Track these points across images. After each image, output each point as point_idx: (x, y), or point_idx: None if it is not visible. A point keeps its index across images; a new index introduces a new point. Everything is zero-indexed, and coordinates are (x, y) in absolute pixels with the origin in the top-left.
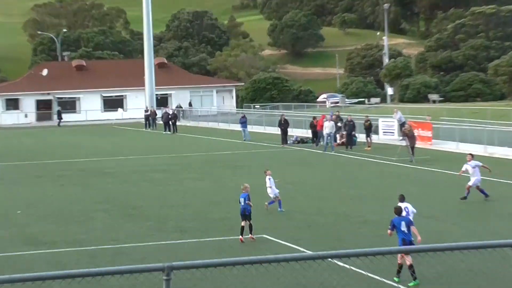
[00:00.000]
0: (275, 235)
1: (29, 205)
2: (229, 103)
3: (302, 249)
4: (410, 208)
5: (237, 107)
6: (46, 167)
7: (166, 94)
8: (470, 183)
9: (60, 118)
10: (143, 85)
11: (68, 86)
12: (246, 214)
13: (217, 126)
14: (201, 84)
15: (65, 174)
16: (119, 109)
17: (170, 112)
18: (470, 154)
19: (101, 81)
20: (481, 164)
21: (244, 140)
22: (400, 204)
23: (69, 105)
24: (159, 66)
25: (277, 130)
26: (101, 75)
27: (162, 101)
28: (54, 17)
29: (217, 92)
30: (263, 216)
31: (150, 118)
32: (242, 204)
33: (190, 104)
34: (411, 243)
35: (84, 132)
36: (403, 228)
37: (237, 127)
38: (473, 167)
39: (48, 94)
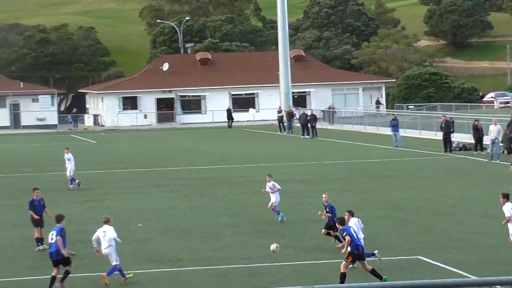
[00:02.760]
0: (431, 257)
1: (150, 218)
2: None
3: (464, 274)
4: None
5: (387, 108)
6: (168, 175)
7: (304, 92)
8: None
9: (231, 118)
10: (277, 82)
11: (192, 82)
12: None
13: (363, 129)
14: (344, 80)
15: (189, 183)
16: (251, 110)
17: (309, 113)
18: None
19: (229, 77)
20: None
21: (395, 146)
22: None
23: (193, 105)
24: (296, 60)
25: (434, 135)
26: (229, 70)
27: (299, 100)
28: (174, 3)
29: (363, 90)
30: (418, 236)
31: (286, 120)
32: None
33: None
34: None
35: (210, 136)
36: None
37: (387, 130)
38: None
39: (170, 91)
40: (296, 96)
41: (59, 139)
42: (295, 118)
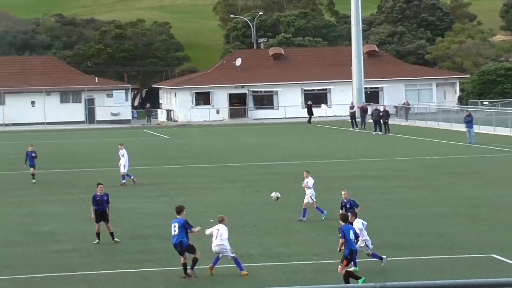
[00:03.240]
0: (505, 255)
1: (222, 213)
2: (452, 98)
3: None
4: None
5: (461, 104)
6: (240, 170)
7: (377, 87)
8: None
9: (311, 113)
10: (350, 77)
11: (264, 78)
12: None
13: (436, 125)
14: (417, 76)
15: (261, 178)
16: (323, 105)
17: (381, 109)
18: None
19: (301, 72)
20: None
21: (469, 143)
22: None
23: (266, 100)
24: (369, 55)
25: (509, 132)
26: (301, 65)
27: (372, 95)
28: None
29: (437, 86)
30: (492, 233)
31: (358, 116)
32: None
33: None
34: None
35: (282, 131)
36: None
37: (461, 127)
38: None
39: (242, 87)
40: (368, 92)
41: (132, 134)
42: (367, 114)
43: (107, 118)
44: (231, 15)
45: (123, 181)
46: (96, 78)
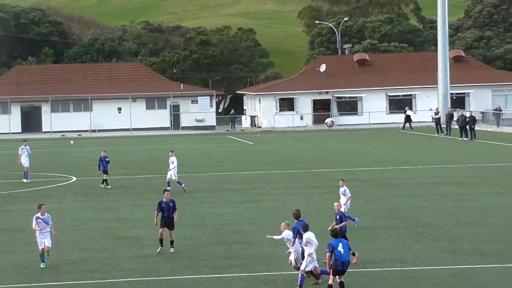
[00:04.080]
0: None
1: (306, 219)
2: None
3: None
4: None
5: None
6: (323, 176)
7: (463, 93)
8: None
9: (408, 121)
10: (435, 83)
11: (348, 83)
12: None
13: None
14: (505, 81)
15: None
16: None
17: (467, 115)
18: None
19: (386, 77)
20: None
21: None
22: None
23: (349, 106)
24: (455, 60)
25: None
26: (386, 70)
27: (458, 101)
28: (333, 4)
29: None
30: None
31: (444, 122)
32: None
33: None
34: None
35: (366, 137)
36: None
37: None
38: None
39: (326, 93)
40: (454, 97)
41: (217, 140)
42: (453, 119)
43: (192, 124)
44: (316, 21)
45: (183, 186)
46: (181, 84)
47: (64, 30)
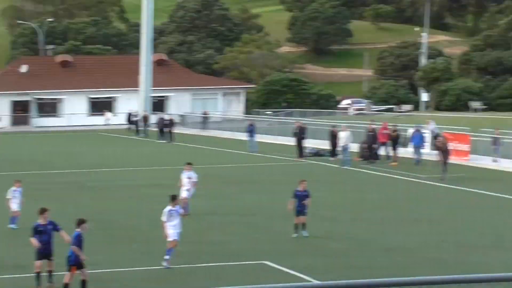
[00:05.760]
0: (277, 262)
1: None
2: (237, 108)
3: (308, 278)
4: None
5: (245, 113)
6: (20, 179)
7: (164, 96)
8: None
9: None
10: (138, 86)
11: (50, 85)
12: None
13: (221, 134)
14: (205, 85)
15: (41, 187)
16: (107, 113)
17: (166, 118)
18: None
19: (89, 80)
20: None
21: (250, 152)
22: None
23: (51, 108)
24: (158, 64)
25: (289, 141)
26: (89, 73)
27: (159, 104)
28: (37, 4)
29: (223, 95)
30: (266, 241)
31: (139, 123)
32: None
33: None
34: None
35: (65, 139)
36: None
37: (244, 136)
38: None
39: (26, 94)
40: (156, 101)
41: None
42: (151, 122)
43: None
44: (18, 21)
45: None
46: None
47: None
